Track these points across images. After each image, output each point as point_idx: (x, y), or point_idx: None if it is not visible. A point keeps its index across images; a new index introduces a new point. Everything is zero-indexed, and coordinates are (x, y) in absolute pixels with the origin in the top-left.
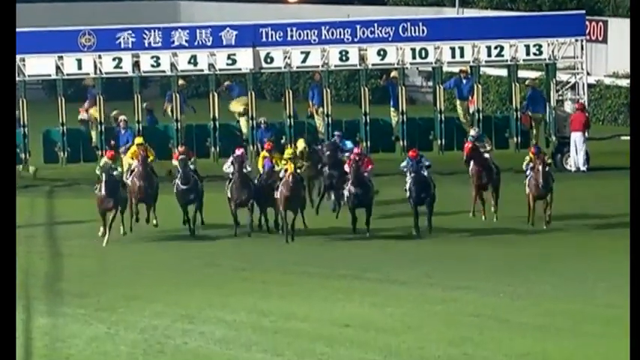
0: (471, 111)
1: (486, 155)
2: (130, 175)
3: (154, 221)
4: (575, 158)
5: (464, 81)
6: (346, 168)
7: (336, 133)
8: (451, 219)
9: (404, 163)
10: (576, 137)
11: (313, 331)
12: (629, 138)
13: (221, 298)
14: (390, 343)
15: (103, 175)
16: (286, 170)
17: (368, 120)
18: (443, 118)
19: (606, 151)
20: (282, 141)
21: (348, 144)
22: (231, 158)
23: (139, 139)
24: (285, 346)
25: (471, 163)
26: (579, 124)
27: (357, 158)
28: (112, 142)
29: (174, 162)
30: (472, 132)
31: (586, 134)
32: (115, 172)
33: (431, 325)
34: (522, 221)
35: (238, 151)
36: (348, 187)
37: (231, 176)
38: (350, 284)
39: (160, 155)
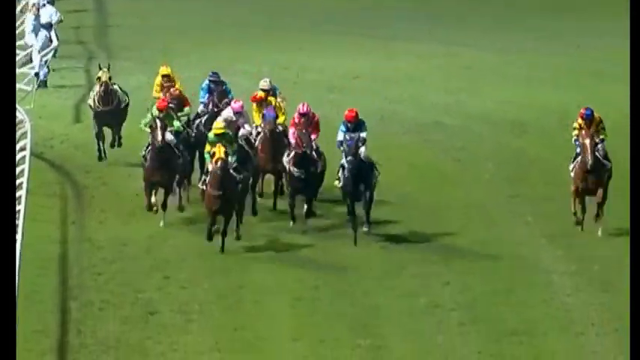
0: None
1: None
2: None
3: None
4: None
5: None
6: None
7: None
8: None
9: (340, 136)
10: None
11: (327, 82)
12: None
13: (247, 52)
14: (394, 92)
15: (153, 134)
16: (213, 155)
17: None
18: None
19: None
20: None
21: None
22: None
23: (164, 69)
24: (302, 97)
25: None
26: None
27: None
28: None
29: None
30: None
31: None
32: (173, 127)
33: (431, 76)
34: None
35: (236, 105)
36: (289, 166)
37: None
38: (361, 41)
39: None
